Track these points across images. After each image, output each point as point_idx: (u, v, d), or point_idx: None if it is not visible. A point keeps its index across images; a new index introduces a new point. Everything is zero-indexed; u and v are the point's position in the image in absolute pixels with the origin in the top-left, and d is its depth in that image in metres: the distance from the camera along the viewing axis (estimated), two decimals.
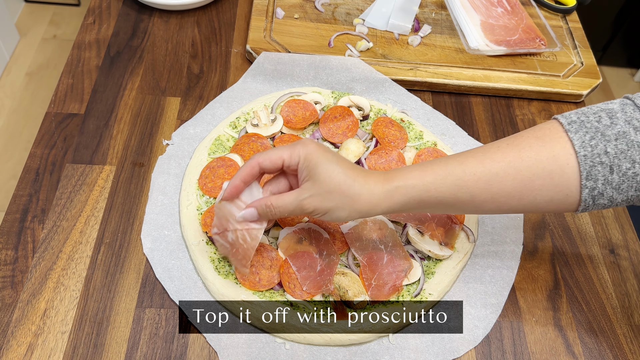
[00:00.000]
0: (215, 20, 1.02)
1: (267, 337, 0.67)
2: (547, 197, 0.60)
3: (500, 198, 0.60)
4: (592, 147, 0.57)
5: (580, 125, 0.58)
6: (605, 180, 0.57)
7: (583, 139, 0.57)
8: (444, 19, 1.05)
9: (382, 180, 0.60)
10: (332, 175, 0.59)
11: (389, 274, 0.69)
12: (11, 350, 0.64)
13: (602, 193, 0.58)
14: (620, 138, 0.57)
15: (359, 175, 0.60)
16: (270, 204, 0.61)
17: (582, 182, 0.58)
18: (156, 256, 0.71)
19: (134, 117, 0.86)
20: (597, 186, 0.58)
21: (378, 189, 0.60)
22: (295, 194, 0.60)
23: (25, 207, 0.75)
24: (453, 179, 0.60)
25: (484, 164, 0.59)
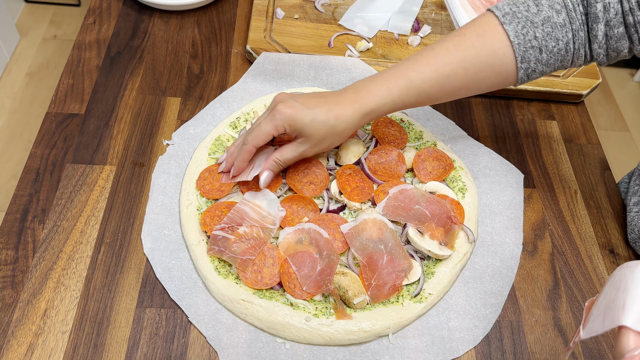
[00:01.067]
0: (215, 21, 1.02)
1: (267, 337, 0.67)
2: (490, 83, 0.72)
3: (452, 92, 0.73)
4: (524, 35, 0.69)
5: (512, 16, 0.69)
6: (537, 60, 0.70)
7: (516, 29, 0.69)
8: (444, 20, 1.05)
9: (358, 106, 0.70)
10: (319, 128, 0.70)
11: (388, 274, 0.69)
12: (11, 350, 0.64)
13: (534, 70, 0.71)
14: (546, 22, 0.69)
15: (337, 111, 0.70)
16: (277, 159, 0.73)
17: (518, 65, 0.70)
18: (156, 256, 0.71)
19: (134, 117, 0.86)
20: (530, 66, 0.70)
21: (359, 115, 0.70)
22: (295, 147, 0.72)
23: (25, 207, 0.75)
24: (414, 89, 0.71)
25: (437, 69, 0.70)
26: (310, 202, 0.75)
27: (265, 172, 0.73)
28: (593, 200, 0.84)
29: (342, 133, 0.71)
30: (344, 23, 1.00)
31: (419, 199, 0.75)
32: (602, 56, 0.71)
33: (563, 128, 0.93)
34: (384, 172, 0.79)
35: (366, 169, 0.79)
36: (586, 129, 0.94)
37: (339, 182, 0.77)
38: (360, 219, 0.73)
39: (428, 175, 0.79)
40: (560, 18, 0.69)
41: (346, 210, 0.77)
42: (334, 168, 0.80)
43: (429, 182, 0.79)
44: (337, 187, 0.77)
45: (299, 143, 0.72)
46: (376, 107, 0.71)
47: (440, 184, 0.78)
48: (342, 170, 0.78)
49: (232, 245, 0.69)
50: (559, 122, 0.94)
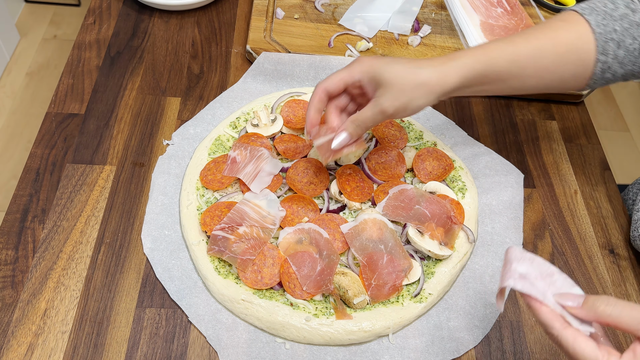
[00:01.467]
0: (215, 21, 1.02)
1: (267, 337, 0.67)
2: (573, 71, 0.71)
3: (541, 71, 0.70)
4: (604, 25, 0.69)
5: (591, 10, 0.70)
6: (614, 55, 0.69)
7: (596, 19, 0.69)
8: (444, 19, 1.05)
9: (447, 59, 0.67)
10: (398, 74, 0.65)
11: (388, 274, 0.69)
12: (11, 350, 0.64)
13: (610, 67, 0.70)
14: (624, 18, 0.69)
15: (422, 62, 0.67)
16: (355, 119, 0.68)
17: (598, 56, 0.69)
18: (156, 256, 0.71)
19: (134, 117, 0.86)
20: (607, 60, 0.69)
21: (446, 66, 0.66)
22: (373, 104, 0.66)
23: (25, 207, 0.75)
24: (509, 55, 0.68)
25: (530, 42, 0.69)
26: (310, 202, 0.75)
27: (343, 133, 0.69)
28: (593, 200, 0.84)
29: (425, 82, 0.65)
30: (344, 23, 1.00)
31: (419, 199, 0.75)
32: None
33: (563, 128, 0.93)
34: (384, 172, 0.79)
35: (366, 169, 0.79)
36: (586, 129, 0.94)
37: (339, 182, 0.77)
38: (360, 219, 0.73)
39: (428, 175, 0.79)
40: (636, 17, 0.69)
41: (346, 210, 0.77)
42: (334, 168, 0.80)
43: (429, 182, 0.79)
44: (337, 187, 0.77)
45: (377, 96, 0.66)
46: (470, 62, 0.67)
47: (440, 184, 0.78)
48: (342, 170, 0.78)
49: (232, 245, 0.69)
50: (559, 122, 0.94)
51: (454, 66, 0.67)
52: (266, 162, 0.76)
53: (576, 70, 0.71)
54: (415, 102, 0.66)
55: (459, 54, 0.68)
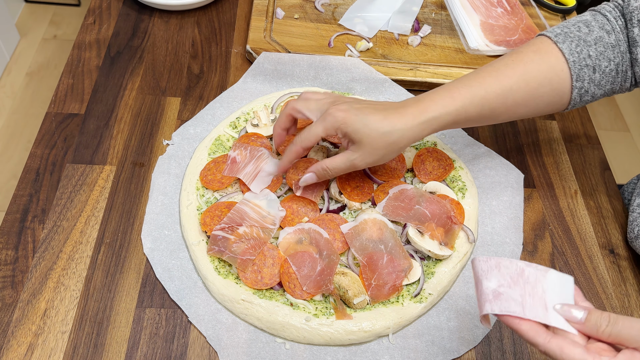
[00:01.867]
0: (215, 21, 1.02)
1: (267, 337, 0.67)
2: (547, 101, 0.71)
3: (513, 108, 0.71)
4: (578, 52, 0.69)
5: (565, 36, 0.70)
6: (590, 80, 0.70)
7: (570, 47, 0.70)
8: (444, 19, 1.05)
9: (417, 114, 0.67)
10: (372, 134, 0.66)
11: (388, 274, 0.69)
12: (11, 350, 0.64)
13: (587, 91, 0.71)
14: (598, 42, 0.70)
15: (393, 119, 0.66)
16: (326, 167, 0.70)
17: (573, 83, 0.70)
18: (156, 256, 0.71)
19: (134, 117, 0.86)
20: (584, 85, 0.70)
21: (415, 122, 0.67)
22: (346, 157, 0.69)
23: (25, 207, 0.75)
24: (478, 100, 0.69)
25: (500, 81, 0.69)
26: (310, 202, 0.75)
27: (309, 174, 0.71)
28: (593, 200, 0.84)
29: (397, 142, 0.67)
30: (344, 23, 1.00)
31: (419, 199, 0.75)
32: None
33: (563, 128, 0.93)
34: (384, 172, 0.79)
35: (366, 169, 0.79)
36: (586, 129, 0.94)
37: (339, 182, 0.77)
38: (360, 219, 0.73)
39: (428, 175, 0.79)
40: (611, 39, 0.70)
41: (346, 210, 0.77)
42: None
43: (429, 182, 0.79)
44: (337, 187, 0.77)
45: (350, 151, 0.68)
46: (438, 116, 0.67)
47: (440, 184, 0.78)
48: None
49: (232, 245, 0.69)
50: (559, 122, 0.94)
51: (423, 122, 0.67)
52: (266, 162, 0.76)
53: (551, 99, 0.71)
54: (386, 157, 0.69)
55: (428, 105, 0.67)
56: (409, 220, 0.73)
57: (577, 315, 0.51)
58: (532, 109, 0.72)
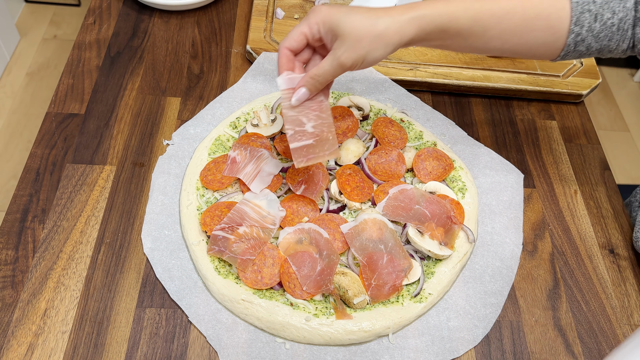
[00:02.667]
0: (215, 21, 1.02)
1: (267, 337, 0.67)
2: (541, 38, 0.69)
3: (506, 34, 0.68)
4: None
5: None
6: (589, 28, 0.68)
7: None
8: None
9: (406, 10, 0.65)
10: (355, 24, 0.63)
11: (388, 274, 0.69)
12: (11, 350, 0.64)
13: (583, 39, 0.69)
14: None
15: (380, 12, 0.64)
16: (314, 74, 0.66)
17: (572, 26, 0.67)
18: (156, 256, 0.71)
19: (134, 117, 0.86)
20: (581, 32, 0.68)
21: (404, 17, 0.64)
22: (330, 56, 0.65)
23: (25, 207, 0.75)
24: (472, 12, 0.66)
25: (497, 1, 0.67)
26: (310, 202, 0.75)
27: (302, 89, 0.67)
28: (593, 200, 0.84)
29: (382, 35, 0.64)
30: None
31: (419, 199, 0.75)
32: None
33: (563, 128, 0.93)
34: (384, 172, 0.79)
35: (366, 169, 0.79)
36: (586, 129, 0.94)
37: (339, 182, 0.77)
38: (360, 219, 0.73)
39: (428, 175, 0.79)
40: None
41: (346, 210, 0.77)
42: (334, 168, 0.80)
43: (429, 182, 0.79)
44: (337, 187, 0.77)
45: (334, 49, 0.64)
46: (429, 14, 0.65)
47: (440, 184, 0.78)
48: (342, 170, 0.78)
49: (232, 245, 0.69)
50: (559, 122, 0.94)
51: (413, 17, 0.64)
52: (266, 162, 0.76)
53: (546, 38, 0.69)
54: (373, 53, 0.65)
55: (419, 5, 0.65)
56: (409, 220, 0.73)
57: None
58: (525, 43, 0.69)
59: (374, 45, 0.64)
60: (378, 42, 0.64)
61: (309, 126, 0.68)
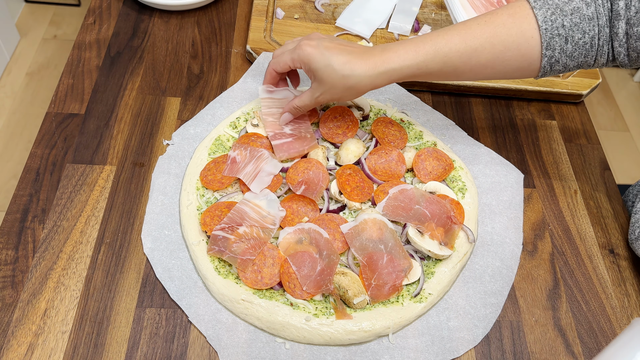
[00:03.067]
0: (215, 21, 1.02)
1: (267, 337, 0.67)
2: (515, 65, 0.71)
3: (477, 68, 0.72)
4: (552, 21, 0.69)
5: (544, 2, 0.70)
6: (561, 50, 0.70)
7: (545, 15, 0.69)
8: (444, 19, 1.05)
9: (379, 63, 0.71)
10: (332, 75, 0.71)
11: (388, 274, 0.69)
12: (11, 350, 0.64)
13: (558, 60, 0.71)
14: (575, 13, 0.69)
15: (355, 64, 0.70)
16: (296, 105, 0.78)
17: (543, 51, 0.70)
18: (156, 256, 0.71)
19: (134, 117, 0.86)
20: (554, 55, 0.70)
21: (376, 72, 0.71)
22: (309, 94, 0.76)
23: (25, 207, 0.75)
24: (441, 57, 0.70)
25: (465, 41, 0.70)
26: (310, 202, 0.75)
27: (286, 114, 0.79)
28: (593, 200, 0.84)
29: (354, 87, 0.72)
30: (340, 23, 1.00)
31: (419, 199, 0.75)
32: (622, 56, 0.70)
33: (563, 128, 0.93)
34: (384, 172, 0.79)
35: (366, 169, 0.79)
36: (586, 129, 0.94)
37: (339, 182, 0.77)
38: (360, 219, 0.73)
39: (428, 175, 0.79)
40: (589, 11, 0.69)
41: (346, 210, 0.77)
42: (334, 168, 0.80)
43: (429, 182, 0.79)
44: (337, 187, 0.77)
45: (313, 88, 0.75)
46: (398, 68, 0.71)
47: (440, 184, 0.78)
48: (342, 170, 0.78)
49: (232, 245, 0.69)
50: (559, 122, 0.94)
51: (383, 72, 0.71)
52: (266, 162, 0.76)
53: (519, 65, 0.71)
54: (346, 97, 0.75)
55: (391, 56, 0.71)
56: (409, 220, 0.73)
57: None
58: (499, 72, 0.72)
59: (346, 93, 0.73)
60: (350, 91, 0.73)
61: (287, 129, 0.81)
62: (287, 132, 0.81)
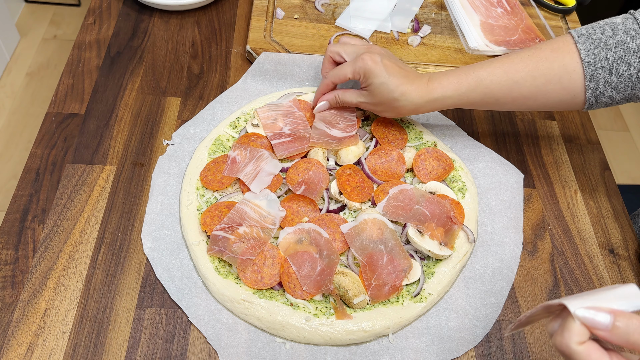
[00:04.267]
0: (215, 21, 1.02)
1: (267, 337, 0.67)
2: (557, 98, 0.73)
3: (519, 100, 0.74)
4: (595, 54, 0.70)
5: (587, 37, 0.71)
6: (605, 82, 0.70)
7: (588, 49, 0.70)
8: (444, 19, 1.05)
9: (424, 93, 0.75)
10: (383, 93, 0.74)
11: (388, 274, 0.69)
12: (11, 350, 0.64)
13: (603, 92, 0.71)
14: (619, 46, 0.70)
15: (407, 89, 0.74)
16: (338, 95, 0.80)
17: (586, 83, 0.71)
18: (156, 256, 0.71)
19: (134, 117, 0.86)
20: (598, 87, 0.71)
21: (422, 100, 0.75)
22: (356, 95, 0.78)
23: (25, 207, 0.75)
24: (482, 88, 0.74)
25: (507, 73, 0.73)
26: (310, 202, 0.75)
27: (323, 102, 0.81)
28: (593, 200, 0.84)
29: (398, 109, 0.76)
30: (340, 23, 1.00)
31: (419, 199, 0.75)
32: None
33: (563, 128, 0.93)
34: (384, 172, 0.79)
35: (366, 169, 0.79)
36: (586, 129, 0.94)
37: (339, 182, 0.77)
38: (360, 219, 0.73)
39: (428, 175, 0.79)
40: (634, 44, 0.69)
41: (346, 210, 0.77)
42: (334, 168, 0.80)
43: (429, 182, 0.79)
44: (337, 187, 0.77)
45: (362, 93, 0.77)
46: (441, 97, 0.75)
47: (440, 184, 0.78)
48: (342, 170, 0.78)
49: (232, 245, 0.69)
50: (559, 122, 0.94)
51: (429, 100, 0.75)
52: (266, 162, 0.76)
53: (562, 97, 0.73)
54: (386, 114, 0.79)
55: (435, 88, 0.74)
56: (409, 220, 0.73)
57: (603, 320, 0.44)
58: (542, 104, 0.74)
59: (389, 112, 0.78)
60: (393, 111, 0.77)
61: (286, 129, 0.82)
62: (286, 132, 0.81)
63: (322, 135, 0.80)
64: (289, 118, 0.83)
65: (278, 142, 0.80)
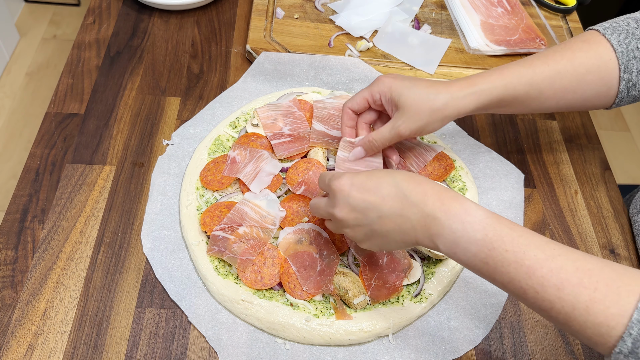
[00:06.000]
0: (215, 20, 1.02)
1: (267, 337, 0.67)
2: (595, 90, 0.71)
3: (561, 93, 0.71)
4: (627, 44, 0.69)
5: (613, 29, 0.71)
6: (639, 72, 0.70)
7: (618, 39, 0.70)
8: (444, 19, 1.05)
9: (465, 85, 0.69)
10: (416, 97, 0.67)
11: (389, 274, 0.69)
12: (11, 350, 0.64)
13: (635, 84, 0.71)
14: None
15: (440, 86, 0.68)
16: (372, 139, 0.71)
17: (621, 74, 0.70)
18: (156, 256, 0.71)
19: (134, 117, 0.86)
20: (632, 78, 0.70)
21: (462, 93, 0.68)
22: (390, 125, 0.70)
23: (25, 207, 0.75)
24: (526, 79, 0.70)
25: (548, 64, 0.70)
26: None
27: (357, 148, 0.73)
28: (593, 200, 0.84)
29: (441, 109, 0.68)
30: (340, 23, 1.00)
31: None
32: None
33: (563, 128, 0.93)
34: None
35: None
36: (586, 129, 0.93)
37: None
38: None
39: (429, 176, 0.79)
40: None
41: None
42: (333, 168, 0.80)
43: None
44: None
45: (394, 119, 0.69)
46: (486, 89, 0.69)
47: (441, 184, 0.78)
48: None
49: (232, 245, 0.69)
50: (559, 122, 0.94)
51: (471, 92, 0.68)
52: (266, 163, 0.76)
53: (599, 89, 0.71)
54: (430, 126, 0.69)
55: (476, 79, 0.69)
56: None
57: None
58: (580, 97, 0.72)
59: (432, 118, 0.68)
60: (436, 115, 0.68)
61: (286, 129, 0.81)
62: (286, 132, 0.81)
63: (322, 135, 0.80)
64: (288, 118, 0.82)
65: (278, 142, 0.80)
